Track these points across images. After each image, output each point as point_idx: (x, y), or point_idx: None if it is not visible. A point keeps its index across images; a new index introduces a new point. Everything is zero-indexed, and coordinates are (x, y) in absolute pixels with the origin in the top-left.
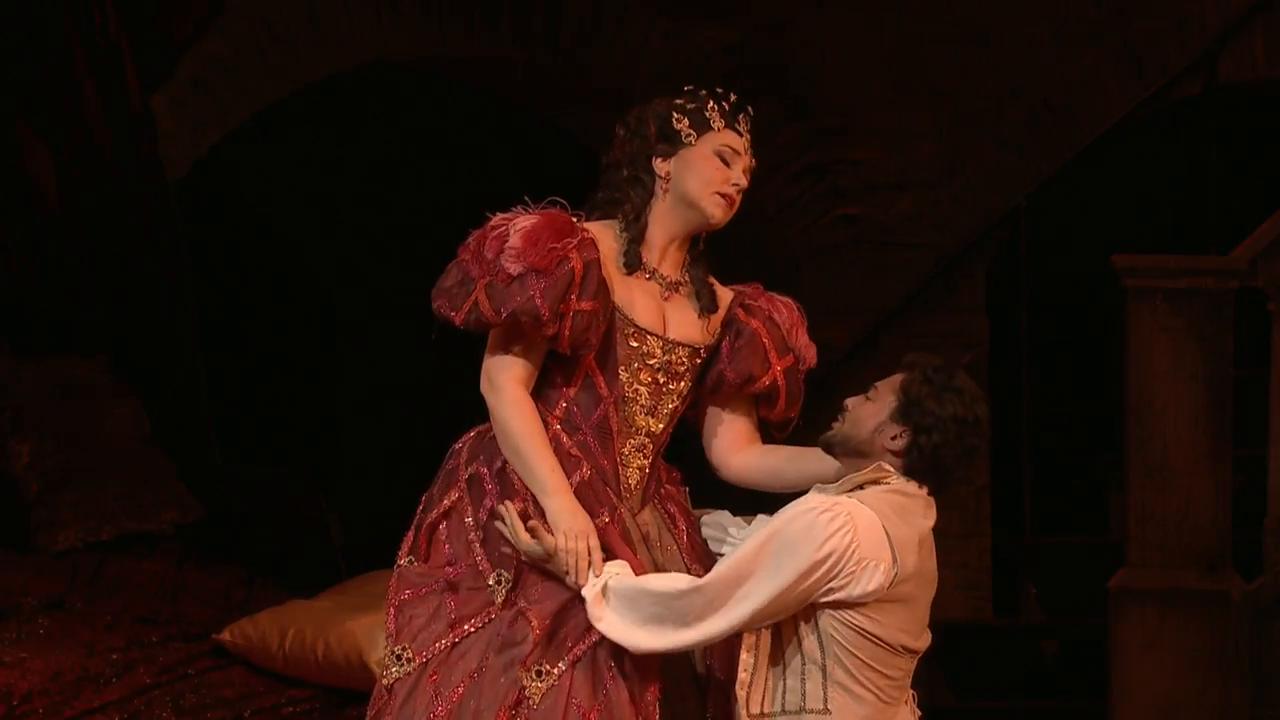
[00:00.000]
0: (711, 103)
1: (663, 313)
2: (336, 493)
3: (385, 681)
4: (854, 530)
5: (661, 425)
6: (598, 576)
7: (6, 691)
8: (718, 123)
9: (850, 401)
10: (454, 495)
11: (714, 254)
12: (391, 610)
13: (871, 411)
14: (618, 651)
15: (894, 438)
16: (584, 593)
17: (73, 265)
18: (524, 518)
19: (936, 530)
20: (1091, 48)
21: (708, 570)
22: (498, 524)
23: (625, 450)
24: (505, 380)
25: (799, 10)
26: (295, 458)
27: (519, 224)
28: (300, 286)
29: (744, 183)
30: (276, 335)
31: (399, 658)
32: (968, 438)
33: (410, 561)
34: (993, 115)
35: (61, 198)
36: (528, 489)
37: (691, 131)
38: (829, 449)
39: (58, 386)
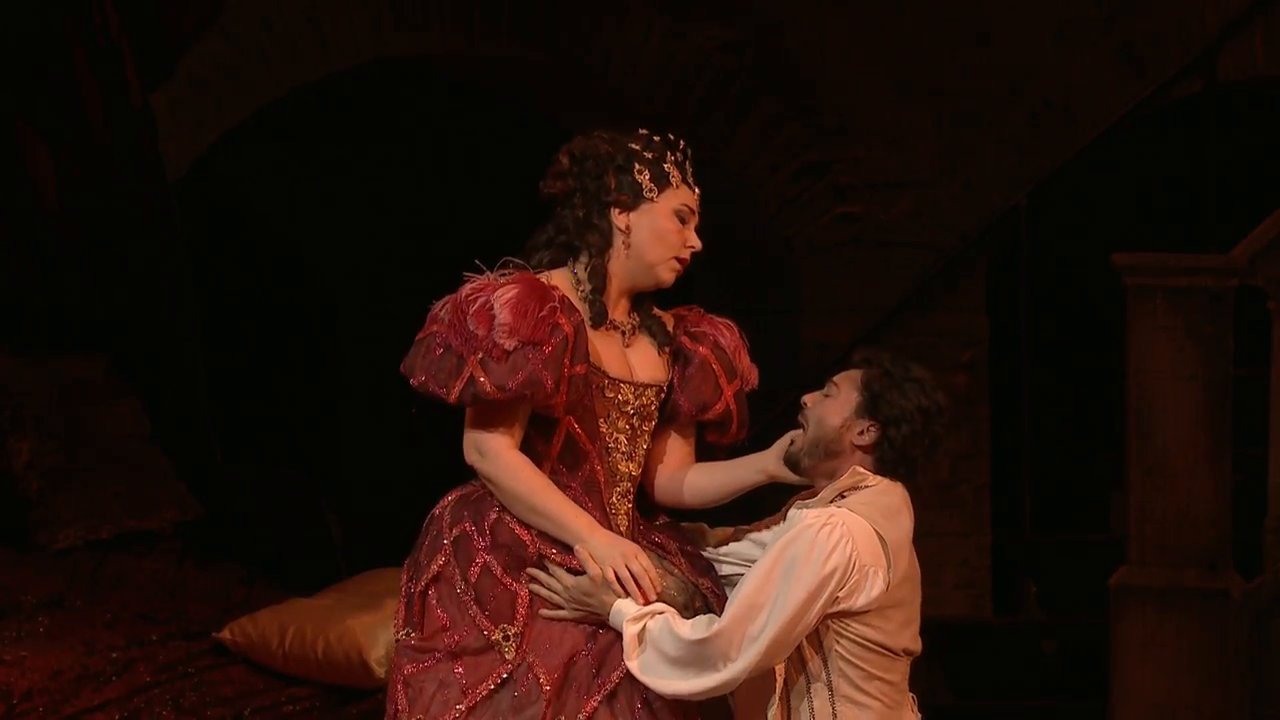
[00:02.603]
0: (670, 154)
1: (627, 358)
2: (336, 491)
3: None
4: (852, 540)
5: (639, 467)
6: (650, 601)
7: (6, 690)
8: (675, 178)
9: (809, 398)
10: (440, 560)
11: (708, 258)
12: (399, 686)
13: (835, 409)
14: (635, 700)
15: (861, 433)
16: (624, 632)
17: (72, 264)
18: (539, 564)
19: (937, 529)
20: (1092, 47)
21: (710, 578)
22: (533, 587)
23: (613, 499)
24: (497, 447)
25: (799, 9)
26: (295, 456)
27: (501, 296)
28: (300, 285)
29: (697, 243)
30: (277, 334)
31: None
32: (933, 426)
33: (407, 634)
34: (993, 114)
35: (61, 196)
36: (530, 535)
37: (653, 186)
38: (795, 466)
39: (58, 385)
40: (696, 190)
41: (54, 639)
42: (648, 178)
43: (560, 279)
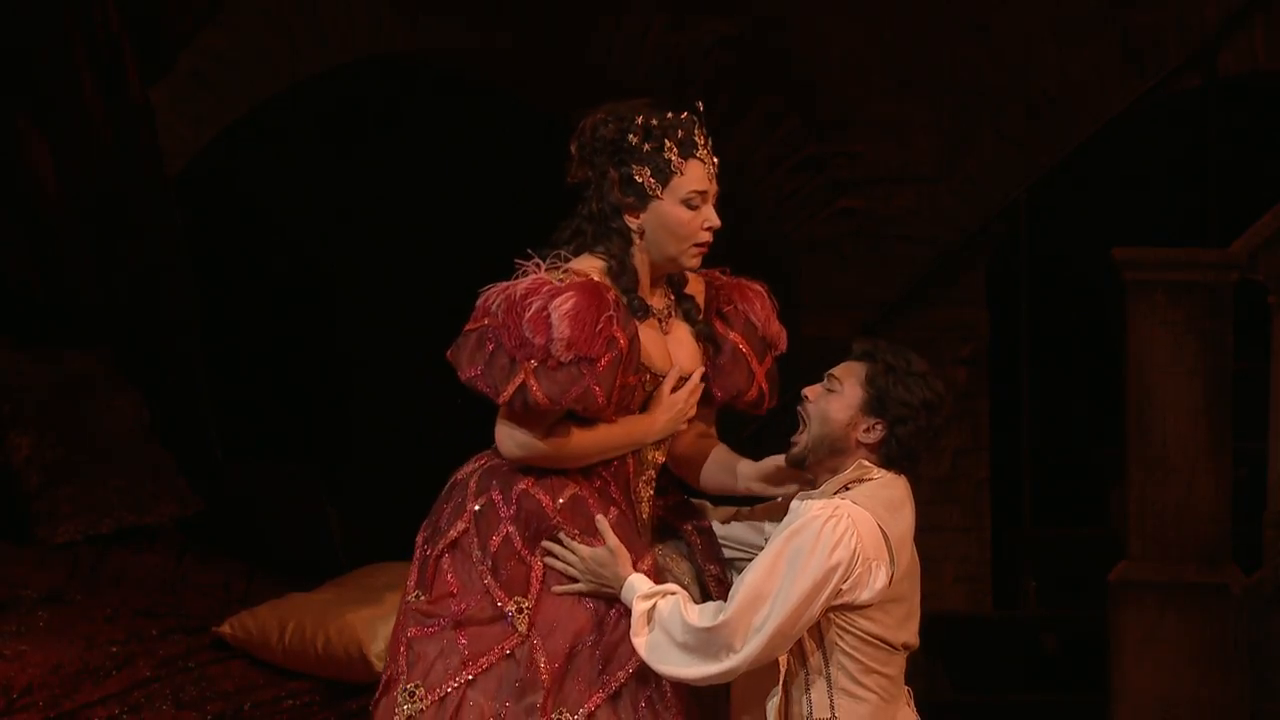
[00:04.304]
0: (668, 141)
1: (666, 348)
2: (336, 485)
3: (398, 718)
4: (857, 533)
5: (664, 454)
6: (649, 589)
7: (6, 685)
8: (678, 162)
9: (810, 392)
10: (460, 526)
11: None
12: (401, 647)
13: (840, 405)
14: (639, 700)
15: (867, 430)
16: (633, 608)
17: (72, 258)
18: (553, 537)
19: (937, 524)
20: (1091, 41)
21: (718, 564)
22: (548, 560)
23: (638, 486)
24: (535, 439)
25: (798, 4)
26: (295, 451)
27: (560, 306)
28: (300, 279)
29: (716, 221)
30: (276, 327)
31: (411, 695)
32: (935, 419)
33: (417, 596)
34: (993, 108)
35: (61, 190)
36: (554, 506)
37: (655, 183)
38: (803, 462)
39: (58, 380)
40: (707, 159)
41: (54, 633)
42: (649, 174)
43: (594, 268)
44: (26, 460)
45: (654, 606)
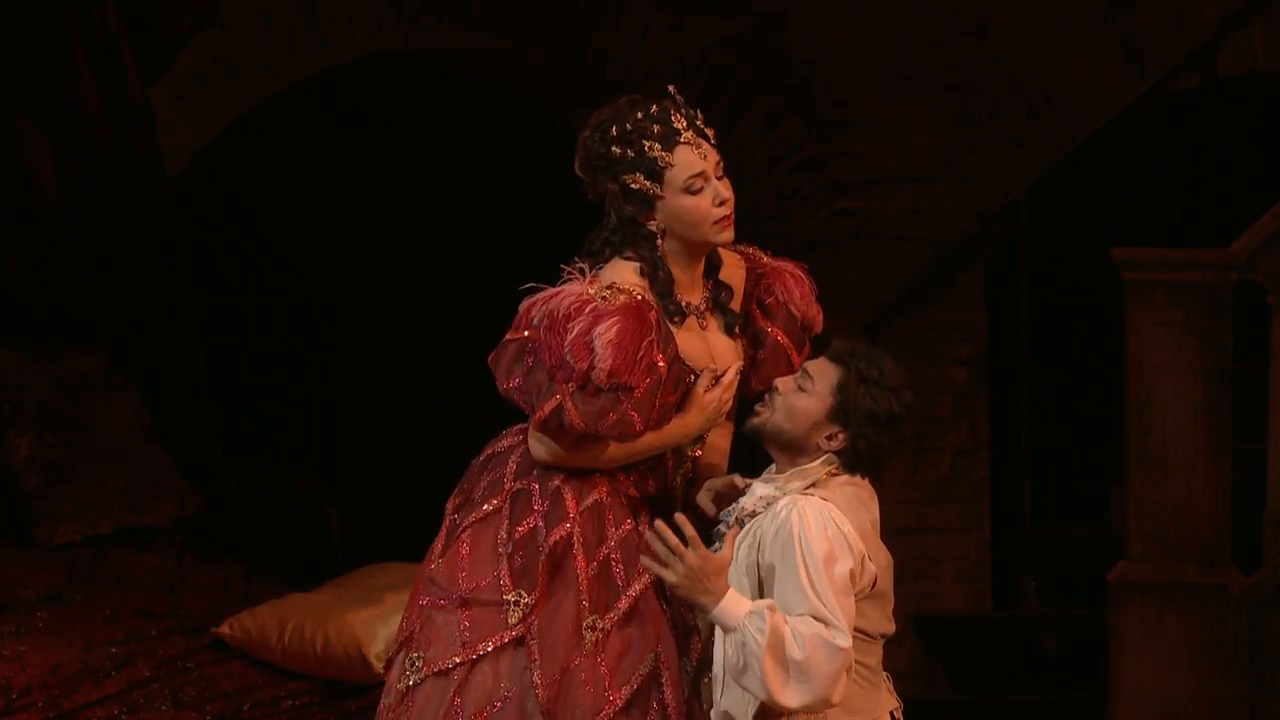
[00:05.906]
0: (646, 142)
1: (706, 346)
2: (336, 485)
3: (400, 684)
4: (849, 524)
5: (701, 449)
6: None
7: (5, 685)
8: (663, 156)
9: (781, 383)
10: (495, 503)
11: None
12: (414, 611)
13: (806, 407)
14: (648, 707)
15: (829, 437)
16: (762, 625)
17: (72, 258)
18: (568, 540)
19: (936, 524)
20: (1090, 41)
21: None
22: (656, 546)
23: (675, 480)
24: (567, 450)
25: (798, 3)
26: (295, 450)
27: (603, 334)
28: (299, 279)
29: (725, 193)
30: (276, 328)
31: (413, 664)
32: (899, 431)
33: (438, 566)
34: (992, 108)
35: (60, 190)
36: (574, 514)
37: (652, 184)
38: (759, 437)
39: (57, 379)
40: (694, 142)
41: (53, 634)
42: (642, 178)
43: (630, 271)
44: (26, 460)
45: (792, 651)
